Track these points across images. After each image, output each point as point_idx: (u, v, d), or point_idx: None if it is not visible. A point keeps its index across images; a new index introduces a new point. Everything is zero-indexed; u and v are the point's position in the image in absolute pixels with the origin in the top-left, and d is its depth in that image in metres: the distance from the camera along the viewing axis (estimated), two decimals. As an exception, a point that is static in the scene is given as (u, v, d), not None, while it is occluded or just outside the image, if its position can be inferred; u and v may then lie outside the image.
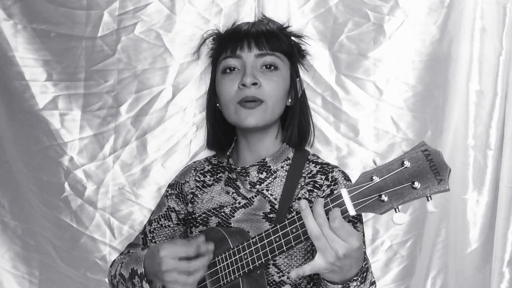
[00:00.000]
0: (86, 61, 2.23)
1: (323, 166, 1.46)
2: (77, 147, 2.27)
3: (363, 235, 1.44)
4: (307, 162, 1.48)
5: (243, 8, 2.18)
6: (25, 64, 2.21)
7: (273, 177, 1.46)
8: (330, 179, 1.42)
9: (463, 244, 2.29)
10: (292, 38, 1.54)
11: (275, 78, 1.42)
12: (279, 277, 1.38)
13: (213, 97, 1.52)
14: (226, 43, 1.45)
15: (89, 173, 2.27)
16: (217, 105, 1.51)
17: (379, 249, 2.22)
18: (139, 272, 1.35)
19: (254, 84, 1.39)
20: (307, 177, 1.45)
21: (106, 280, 2.27)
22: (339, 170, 1.45)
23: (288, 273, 1.38)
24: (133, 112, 2.25)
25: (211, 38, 1.56)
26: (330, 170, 1.44)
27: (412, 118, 2.18)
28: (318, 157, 1.51)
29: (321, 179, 1.43)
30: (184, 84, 2.23)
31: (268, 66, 1.42)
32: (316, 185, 1.42)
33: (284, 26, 1.53)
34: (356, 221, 1.41)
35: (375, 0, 2.14)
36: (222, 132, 1.54)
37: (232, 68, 1.42)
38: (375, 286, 1.28)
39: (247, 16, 2.15)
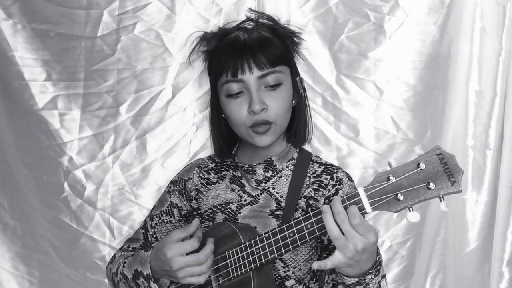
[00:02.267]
0: (85, 60, 2.22)
1: (327, 166, 1.48)
2: (76, 147, 2.27)
3: None
4: (311, 162, 1.50)
5: (243, 8, 2.18)
6: (24, 64, 2.21)
7: (278, 175, 1.48)
8: (335, 179, 1.45)
9: (462, 243, 2.29)
10: (287, 34, 1.53)
11: (280, 95, 1.42)
12: (285, 271, 1.41)
13: (216, 109, 1.52)
14: (224, 64, 1.42)
15: (89, 173, 2.27)
16: (222, 115, 1.50)
17: (379, 249, 2.22)
18: (145, 274, 1.37)
19: (263, 109, 1.40)
20: (312, 177, 1.47)
21: (106, 280, 2.27)
22: (343, 171, 1.48)
23: (294, 267, 1.40)
24: (132, 112, 2.25)
25: (199, 39, 1.55)
26: (335, 170, 1.47)
27: (412, 118, 2.18)
28: (321, 158, 1.53)
29: (327, 179, 1.46)
30: (184, 84, 2.23)
31: (271, 85, 1.42)
32: (322, 184, 1.45)
33: (274, 24, 1.51)
34: None
35: (375, 0, 2.14)
36: (229, 139, 1.55)
37: (237, 92, 1.42)
38: (386, 279, 1.31)
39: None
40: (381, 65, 2.16)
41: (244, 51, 1.41)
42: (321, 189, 1.45)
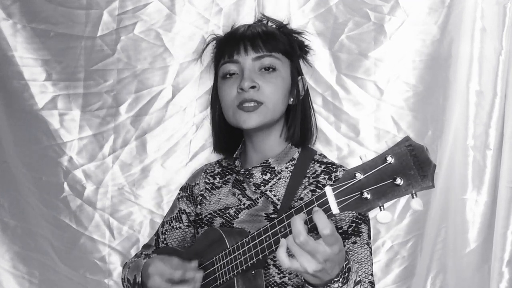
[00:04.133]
0: (85, 60, 2.22)
1: (328, 165, 1.46)
2: (76, 147, 2.26)
3: (368, 236, 1.43)
4: (312, 162, 1.48)
5: (243, 8, 2.18)
6: (24, 64, 2.20)
7: (277, 178, 1.47)
8: (333, 179, 1.42)
9: (462, 244, 2.29)
10: (294, 35, 1.54)
11: (273, 80, 1.42)
12: (280, 278, 1.38)
13: (216, 102, 1.53)
14: (224, 48, 1.46)
15: (89, 173, 2.27)
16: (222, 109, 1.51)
17: (380, 250, 2.22)
18: (137, 280, 1.41)
19: (253, 87, 1.39)
20: (311, 177, 1.44)
21: (106, 281, 2.27)
22: (344, 170, 1.45)
23: (289, 273, 1.38)
24: (132, 112, 2.25)
25: (214, 41, 1.57)
26: (334, 169, 1.44)
27: (413, 118, 2.18)
28: (325, 157, 1.51)
29: (324, 178, 1.43)
30: (184, 84, 2.22)
31: (266, 68, 1.42)
32: (319, 185, 1.42)
33: (283, 24, 1.53)
34: (360, 222, 1.41)
35: (375, 0, 2.14)
36: (226, 135, 1.55)
37: (231, 73, 1.43)
38: (362, 284, 1.27)
39: (247, 15, 2.15)
40: (381, 65, 2.16)
41: (244, 36, 1.43)
42: (318, 190, 1.42)
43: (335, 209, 1.06)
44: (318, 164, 1.47)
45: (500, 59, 2.15)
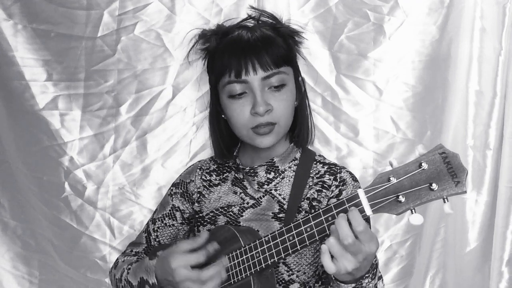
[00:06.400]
0: (86, 61, 2.23)
1: (331, 166, 1.46)
2: (77, 147, 2.27)
3: None
4: (315, 162, 1.48)
5: (243, 8, 2.18)
6: (25, 64, 2.21)
7: (281, 177, 1.46)
8: (338, 180, 1.43)
9: (462, 243, 2.29)
10: (287, 29, 1.51)
11: (284, 97, 1.40)
12: (289, 275, 1.39)
13: (216, 110, 1.50)
14: (227, 63, 1.39)
15: (89, 173, 2.27)
16: (222, 116, 1.49)
17: (379, 249, 2.22)
18: (151, 283, 1.35)
19: (267, 110, 1.38)
20: (315, 177, 1.45)
21: (107, 280, 2.28)
22: (347, 171, 1.45)
23: (298, 271, 1.39)
24: (133, 112, 2.25)
25: (197, 36, 1.52)
26: (338, 170, 1.45)
27: (412, 118, 2.18)
28: (325, 158, 1.51)
29: (330, 179, 1.43)
30: (184, 84, 2.23)
31: (275, 86, 1.40)
32: (325, 185, 1.43)
33: (278, 23, 1.50)
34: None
35: (375, 0, 2.14)
36: (230, 140, 1.53)
37: (240, 93, 1.40)
38: (382, 280, 1.29)
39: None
40: (380, 65, 2.16)
41: (248, 50, 1.38)
42: (324, 190, 1.42)
43: (368, 211, 1.10)
44: (321, 165, 1.47)
45: (500, 59, 2.15)
